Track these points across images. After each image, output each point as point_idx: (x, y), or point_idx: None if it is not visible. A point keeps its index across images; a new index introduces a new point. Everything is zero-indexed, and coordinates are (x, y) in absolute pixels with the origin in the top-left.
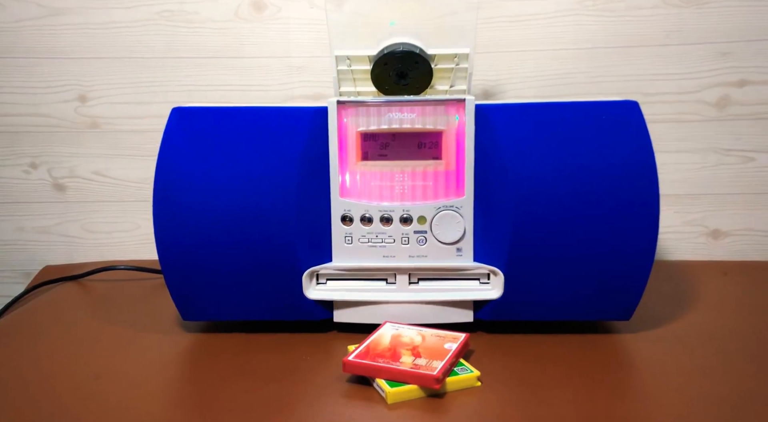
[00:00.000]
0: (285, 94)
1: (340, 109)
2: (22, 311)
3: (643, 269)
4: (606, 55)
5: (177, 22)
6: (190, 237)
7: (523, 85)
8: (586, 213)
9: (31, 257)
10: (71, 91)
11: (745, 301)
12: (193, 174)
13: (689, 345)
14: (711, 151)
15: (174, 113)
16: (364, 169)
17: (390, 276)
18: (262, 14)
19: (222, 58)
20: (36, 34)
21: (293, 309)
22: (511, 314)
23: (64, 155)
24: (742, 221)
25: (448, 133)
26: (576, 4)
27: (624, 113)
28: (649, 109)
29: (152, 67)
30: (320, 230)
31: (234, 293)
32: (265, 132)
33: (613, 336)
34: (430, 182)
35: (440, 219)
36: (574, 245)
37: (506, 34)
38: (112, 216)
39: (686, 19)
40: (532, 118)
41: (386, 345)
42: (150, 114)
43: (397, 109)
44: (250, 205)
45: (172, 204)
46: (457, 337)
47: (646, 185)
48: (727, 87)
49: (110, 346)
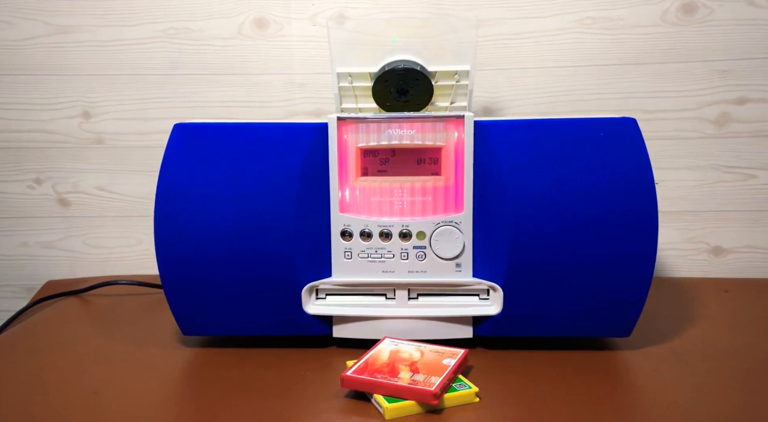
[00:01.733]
0: (287, 110)
1: (341, 125)
2: (24, 326)
3: (643, 285)
4: (605, 72)
5: (182, 39)
6: (191, 251)
7: (523, 101)
8: (585, 229)
9: (34, 272)
10: (75, 108)
11: (745, 319)
12: (194, 189)
13: (689, 362)
14: (711, 168)
15: (176, 129)
16: (364, 184)
17: (389, 292)
18: (265, 32)
19: (225, 75)
20: (43, 52)
21: (292, 324)
22: (511, 330)
23: (68, 170)
24: (743, 238)
25: (447, 149)
26: (575, 22)
27: (622, 130)
28: (649, 126)
29: (157, 84)
30: (320, 245)
31: (233, 308)
32: (266, 148)
33: (613, 353)
34: (429, 197)
35: (439, 235)
36: (573, 261)
37: (506, 52)
38: (115, 231)
39: (686, 37)
40: (531, 135)
41: (385, 360)
42: (154, 130)
43: (396, 125)
44: (250, 220)
45: (173, 218)
46: (455, 353)
47: (644, 201)
48: (726, 104)
49: (110, 361)
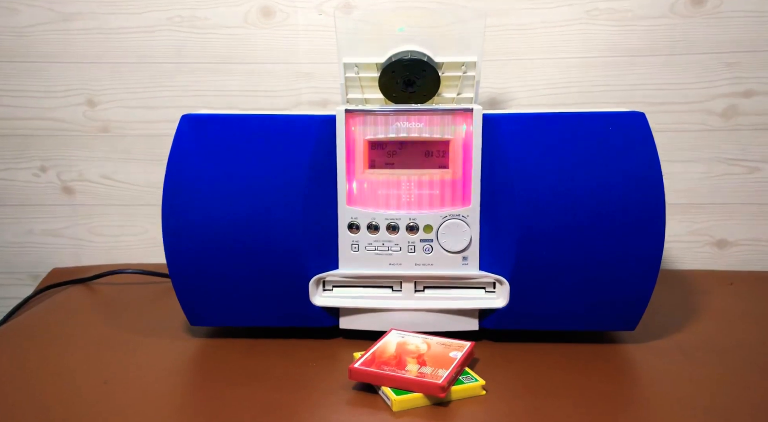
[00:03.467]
0: (292, 100)
1: (348, 118)
2: (30, 314)
3: (649, 280)
4: (612, 64)
5: (187, 27)
6: (198, 243)
7: (529, 93)
8: (592, 223)
9: (39, 259)
10: (80, 96)
11: (750, 312)
12: (201, 181)
13: (694, 356)
14: (717, 160)
15: (183, 120)
16: (371, 177)
17: (396, 284)
18: (271, 21)
19: (231, 64)
20: (48, 39)
21: (300, 316)
22: (516, 323)
23: (74, 159)
24: (748, 231)
25: (455, 142)
26: (583, 13)
27: (631, 124)
28: (656, 118)
29: (162, 72)
30: (327, 237)
31: (241, 299)
32: (274, 140)
33: (618, 346)
34: (437, 191)
35: (446, 228)
36: (579, 255)
37: (513, 43)
38: (120, 220)
39: (693, 29)
40: (539, 129)
41: (392, 353)
42: (159, 118)
43: (404, 118)
44: (257, 212)
45: (180, 210)
46: (462, 346)
47: (652, 196)
48: (733, 97)
49: (119, 351)
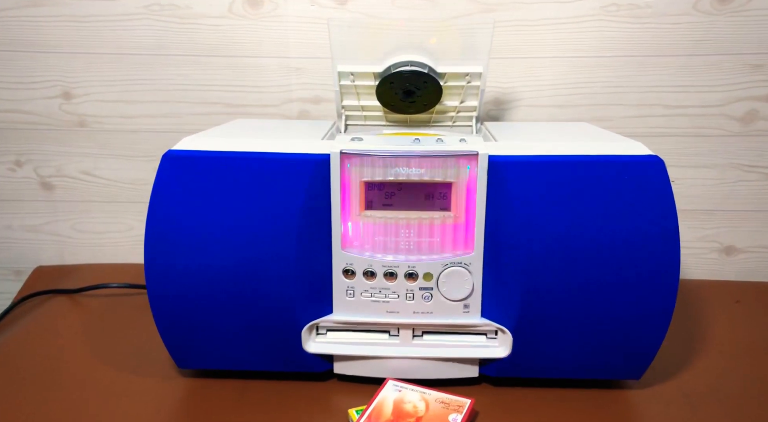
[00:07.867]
0: (282, 96)
1: (344, 159)
2: (8, 337)
3: (659, 334)
4: (627, 63)
5: (167, 16)
6: (185, 290)
7: (536, 93)
8: (601, 276)
9: (21, 255)
10: (54, 88)
11: (757, 343)
12: (186, 225)
13: (698, 405)
14: (732, 166)
15: (165, 160)
16: (368, 219)
17: (393, 329)
18: (258, 11)
19: (215, 57)
20: (15, 26)
21: (292, 362)
22: (518, 371)
23: (51, 154)
24: (757, 239)
25: (458, 185)
26: (598, 9)
27: (647, 172)
28: (670, 122)
29: (141, 64)
30: (321, 282)
31: (230, 346)
32: (264, 181)
33: (621, 393)
34: (438, 237)
35: (447, 276)
36: (587, 308)
37: (521, 39)
38: (104, 216)
39: (718, 28)
40: (548, 173)
41: (389, 416)
42: (139, 113)
43: (404, 162)
44: (247, 258)
45: (164, 256)
46: (461, 405)
47: (667, 251)
48: (755, 101)
49: (104, 393)
